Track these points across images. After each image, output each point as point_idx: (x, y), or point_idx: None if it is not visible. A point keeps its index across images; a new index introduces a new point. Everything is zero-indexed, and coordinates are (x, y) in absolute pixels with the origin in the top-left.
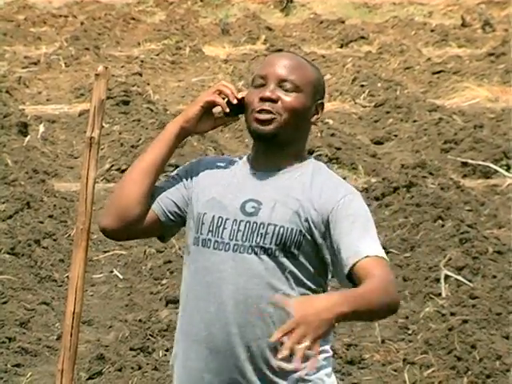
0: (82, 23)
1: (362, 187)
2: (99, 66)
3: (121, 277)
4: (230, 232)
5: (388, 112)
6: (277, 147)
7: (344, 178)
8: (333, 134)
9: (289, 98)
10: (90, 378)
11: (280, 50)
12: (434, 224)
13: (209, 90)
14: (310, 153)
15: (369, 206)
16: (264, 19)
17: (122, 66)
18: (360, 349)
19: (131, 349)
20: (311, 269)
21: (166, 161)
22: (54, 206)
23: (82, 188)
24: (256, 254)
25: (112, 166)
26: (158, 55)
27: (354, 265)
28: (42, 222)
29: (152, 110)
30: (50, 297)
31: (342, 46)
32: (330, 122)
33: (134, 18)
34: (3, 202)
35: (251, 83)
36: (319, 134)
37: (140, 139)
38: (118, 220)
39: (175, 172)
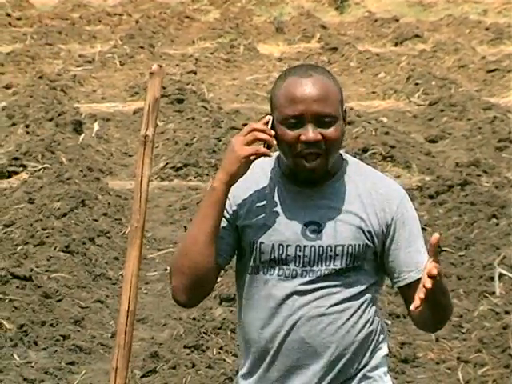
0: (136, 21)
1: (416, 185)
2: (154, 65)
3: None
4: (294, 258)
5: (442, 110)
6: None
7: (398, 177)
8: (387, 133)
9: (330, 133)
10: (144, 376)
11: (294, 68)
12: (489, 222)
13: (241, 140)
14: (365, 151)
15: (422, 204)
16: (318, 17)
17: (177, 65)
18: (414, 347)
19: (185, 347)
20: (374, 272)
21: (221, 220)
22: (109, 204)
23: (136, 186)
24: (326, 276)
25: (166, 164)
26: (212, 53)
27: (415, 280)
28: (96, 220)
29: (206, 108)
30: (105, 295)
31: (396, 45)
32: (385, 120)
33: (188, 17)
34: (58, 200)
35: (281, 120)
36: (373, 133)
37: (194, 137)
38: (197, 294)
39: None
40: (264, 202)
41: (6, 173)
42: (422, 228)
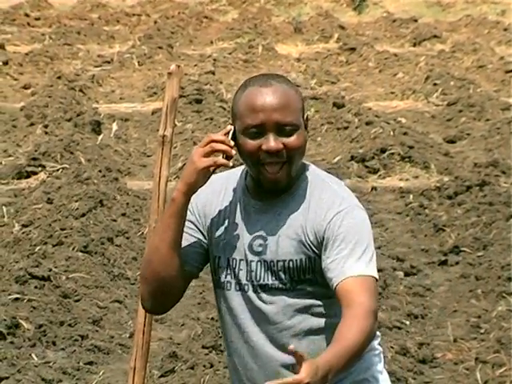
0: (155, 22)
1: (435, 186)
2: (172, 65)
3: None
4: (245, 273)
5: (461, 111)
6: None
7: (416, 177)
8: (405, 133)
9: (292, 141)
10: (162, 376)
11: (254, 78)
12: (507, 223)
13: (200, 151)
14: (383, 151)
15: (441, 204)
16: (337, 18)
17: (195, 65)
18: (432, 348)
19: (203, 347)
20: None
21: (182, 230)
22: (127, 204)
23: (154, 186)
24: (272, 290)
25: (185, 164)
26: (230, 54)
27: (338, 285)
28: (114, 220)
29: (224, 109)
30: (123, 295)
31: (414, 45)
32: (403, 120)
33: (206, 17)
34: (76, 201)
35: (242, 130)
36: (392, 133)
37: None
38: (164, 302)
39: (186, 220)
40: (225, 216)
41: (25, 173)
42: (440, 229)
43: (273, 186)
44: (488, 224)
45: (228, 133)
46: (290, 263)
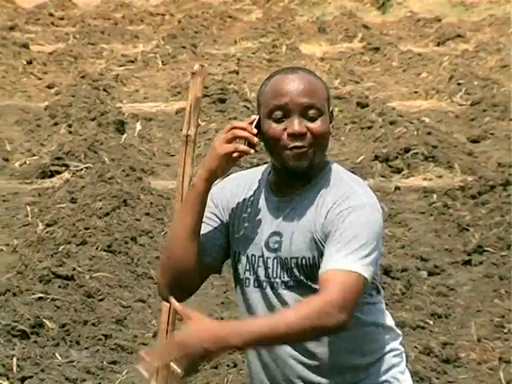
0: (179, 21)
1: (459, 186)
2: (196, 65)
3: (216, 274)
4: (264, 270)
5: (485, 110)
6: (305, 173)
7: (440, 177)
8: (429, 133)
9: (316, 126)
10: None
11: (282, 70)
12: None
13: (222, 138)
14: (407, 151)
15: (464, 204)
16: (360, 17)
17: (219, 64)
18: (456, 347)
19: None
20: None
21: (202, 217)
22: (151, 203)
23: (178, 186)
24: (289, 287)
25: None
26: (254, 53)
27: (321, 275)
28: (138, 220)
29: (248, 108)
30: (147, 294)
31: (438, 45)
32: (427, 120)
33: (230, 16)
34: (100, 200)
35: (266, 113)
36: (415, 133)
37: None
38: (180, 291)
39: (206, 212)
40: (247, 213)
41: (49, 172)
42: (464, 228)
43: (297, 164)
44: None
45: (252, 122)
46: (303, 260)
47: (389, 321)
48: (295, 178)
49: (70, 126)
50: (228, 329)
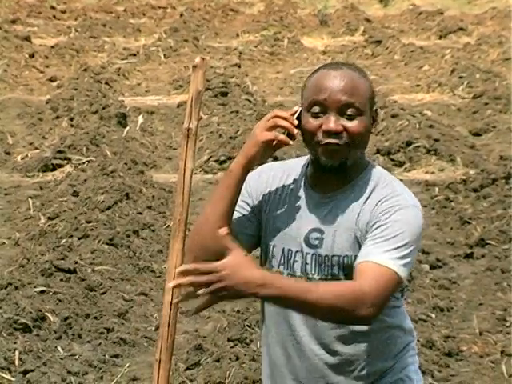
0: (181, 15)
1: (461, 179)
2: (197, 58)
3: None
4: (300, 265)
5: (487, 103)
6: (341, 172)
7: (442, 170)
8: (431, 126)
9: (353, 126)
10: (187, 369)
11: (327, 65)
12: None
13: (263, 125)
14: (409, 144)
15: (466, 197)
16: (363, 10)
17: (221, 58)
18: (458, 341)
19: (229, 339)
20: None
21: (235, 203)
22: (153, 196)
23: (179, 179)
24: None
25: (210, 157)
26: (256, 46)
27: (357, 264)
28: (140, 213)
29: (250, 102)
30: (149, 287)
31: (440, 38)
32: (429, 113)
33: (232, 10)
34: (102, 193)
35: (306, 107)
36: (417, 126)
37: (238, 130)
38: None
39: (239, 200)
40: (284, 205)
41: (51, 166)
42: (466, 221)
43: (328, 160)
44: None
45: (294, 113)
46: (345, 259)
47: (409, 323)
48: (331, 174)
49: (71, 119)
50: (261, 279)
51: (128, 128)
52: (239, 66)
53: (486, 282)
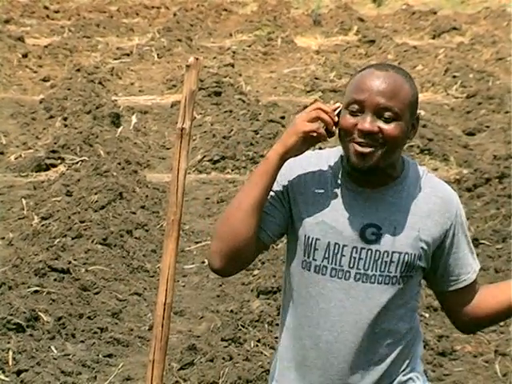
0: (174, 14)
1: (454, 178)
2: (190, 58)
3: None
4: (349, 260)
5: (480, 103)
6: (371, 174)
7: (435, 170)
8: (425, 125)
9: (389, 129)
10: (181, 369)
11: (372, 66)
12: None
13: (305, 116)
14: None
15: (460, 197)
16: (356, 10)
17: (214, 57)
18: (451, 340)
19: (222, 339)
20: (419, 280)
21: (269, 192)
22: (146, 196)
23: (172, 179)
24: (380, 283)
25: (204, 156)
26: (249, 46)
27: (466, 281)
28: (134, 213)
29: (244, 101)
30: (142, 287)
31: (434, 37)
32: (422, 113)
33: (226, 9)
34: (96, 193)
35: (345, 104)
36: None
37: (232, 130)
38: (233, 262)
39: (274, 191)
40: (324, 197)
41: (44, 165)
42: None
43: (358, 162)
44: (507, 216)
45: (335, 110)
46: (406, 256)
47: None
48: (366, 174)
49: (65, 119)
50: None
51: (121, 128)
52: (233, 66)
53: (479, 282)
